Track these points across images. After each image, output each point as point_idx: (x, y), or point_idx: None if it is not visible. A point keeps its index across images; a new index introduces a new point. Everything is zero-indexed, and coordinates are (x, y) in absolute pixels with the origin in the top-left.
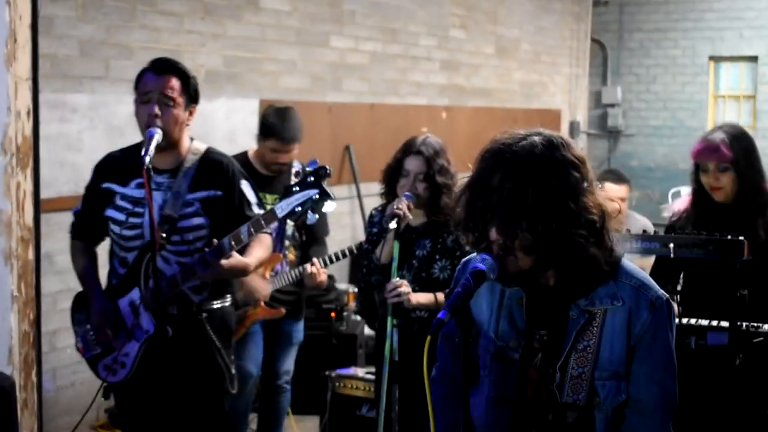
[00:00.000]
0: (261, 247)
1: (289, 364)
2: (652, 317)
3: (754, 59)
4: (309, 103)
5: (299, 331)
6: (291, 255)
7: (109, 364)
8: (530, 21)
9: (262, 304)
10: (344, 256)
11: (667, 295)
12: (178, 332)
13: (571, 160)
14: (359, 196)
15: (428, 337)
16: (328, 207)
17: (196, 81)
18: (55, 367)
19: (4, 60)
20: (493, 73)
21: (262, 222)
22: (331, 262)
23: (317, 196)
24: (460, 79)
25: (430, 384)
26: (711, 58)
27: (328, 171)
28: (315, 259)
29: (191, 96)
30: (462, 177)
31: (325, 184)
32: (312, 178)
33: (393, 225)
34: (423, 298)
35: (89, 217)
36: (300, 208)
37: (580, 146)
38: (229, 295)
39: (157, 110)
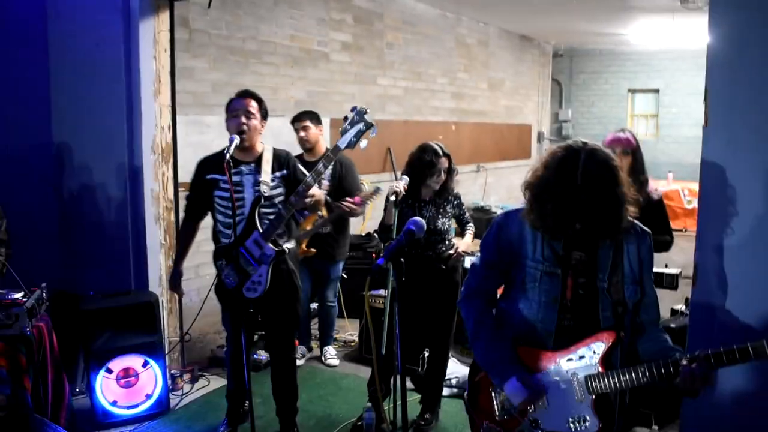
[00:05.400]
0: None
1: (330, 294)
2: (649, 243)
3: (657, 90)
4: None
5: (337, 270)
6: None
7: (250, 286)
8: (511, 67)
9: (303, 246)
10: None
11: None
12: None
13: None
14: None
15: (368, 277)
16: (372, 132)
17: (265, 104)
18: (199, 287)
19: (153, 93)
20: (487, 100)
21: (331, 155)
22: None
23: (363, 127)
24: (464, 105)
25: (463, 301)
26: (629, 90)
27: (365, 109)
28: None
29: (263, 113)
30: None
31: (367, 117)
32: (357, 117)
33: (392, 198)
34: (463, 246)
35: (197, 201)
36: (355, 138)
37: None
38: (293, 240)
39: (244, 120)
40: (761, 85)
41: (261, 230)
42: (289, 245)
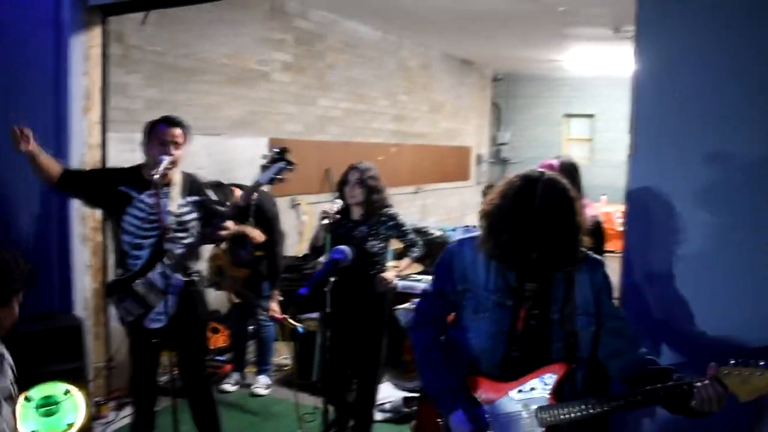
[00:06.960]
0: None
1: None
2: (602, 271)
3: (591, 116)
4: (302, 141)
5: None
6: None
7: (154, 317)
8: (452, 90)
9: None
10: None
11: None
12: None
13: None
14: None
15: (289, 307)
16: (290, 171)
17: (190, 128)
18: None
19: (82, 110)
20: (427, 122)
21: (252, 191)
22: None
23: (285, 165)
24: (404, 127)
25: (413, 328)
26: (565, 115)
27: (285, 150)
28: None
29: (189, 138)
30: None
31: (288, 156)
32: (278, 156)
33: (325, 221)
34: (395, 270)
35: (87, 182)
36: (275, 176)
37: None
38: (199, 269)
39: (174, 151)
40: (687, 112)
41: (168, 262)
42: (197, 268)
